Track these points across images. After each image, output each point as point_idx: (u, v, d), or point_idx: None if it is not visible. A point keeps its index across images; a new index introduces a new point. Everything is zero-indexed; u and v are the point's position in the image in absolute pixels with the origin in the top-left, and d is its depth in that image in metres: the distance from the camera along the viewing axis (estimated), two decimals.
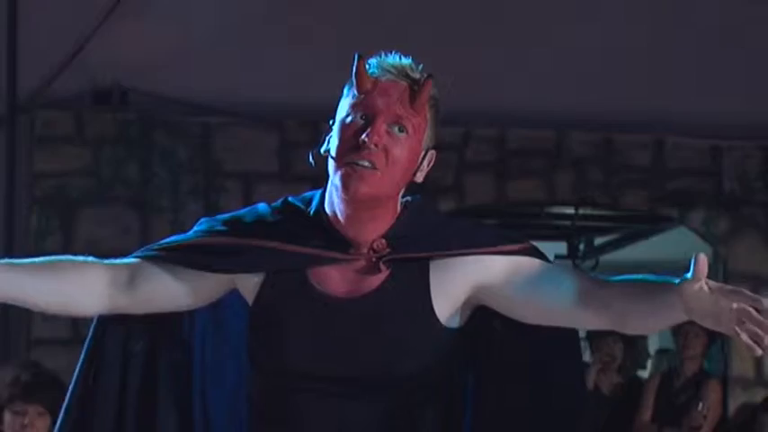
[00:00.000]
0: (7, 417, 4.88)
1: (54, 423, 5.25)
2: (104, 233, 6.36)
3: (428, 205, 2.53)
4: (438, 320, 2.38)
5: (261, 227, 2.42)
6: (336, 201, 2.36)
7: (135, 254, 2.52)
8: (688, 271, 2.14)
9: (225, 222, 2.46)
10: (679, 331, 6.68)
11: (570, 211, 8.31)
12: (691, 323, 7.24)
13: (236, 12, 6.39)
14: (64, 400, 2.57)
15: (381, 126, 2.31)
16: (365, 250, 2.37)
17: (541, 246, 9.60)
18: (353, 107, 2.34)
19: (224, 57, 6.43)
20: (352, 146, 2.30)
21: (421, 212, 2.45)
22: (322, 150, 2.39)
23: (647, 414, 6.53)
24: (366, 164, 2.29)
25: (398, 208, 2.41)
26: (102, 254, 6.79)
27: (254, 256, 2.40)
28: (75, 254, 6.88)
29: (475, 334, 2.46)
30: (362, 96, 2.34)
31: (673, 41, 6.63)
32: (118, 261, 2.53)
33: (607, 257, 10.02)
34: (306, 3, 6.28)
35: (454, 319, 2.41)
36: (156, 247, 2.50)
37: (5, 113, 6.40)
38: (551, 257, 9.89)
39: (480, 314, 2.44)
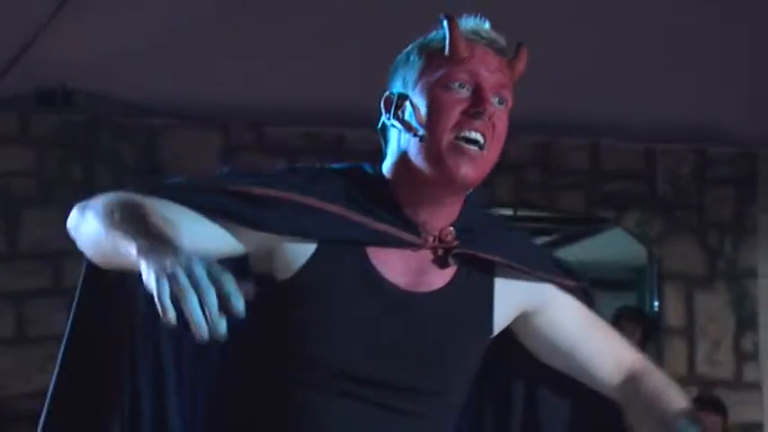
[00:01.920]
0: None
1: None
2: (49, 233, 6.30)
3: (478, 197, 2.18)
4: (492, 331, 2.14)
5: (316, 186, 2.03)
6: (407, 175, 2.04)
7: (159, 190, 2.01)
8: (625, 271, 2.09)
9: (265, 177, 2.06)
10: (615, 327, 6.75)
11: (510, 212, 8.36)
12: (626, 320, 7.28)
13: (181, 14, 6.35)
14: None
15: (489, 96, 2.03)
16: (431, 238, 2.05)
17: None
18: (450, 76, 2.02)
19: (169, 59, 6.39)
20: (456, 118, 2.00)
21: (477, 205, 2.17)
22: (394, 123, 2.08)
23: None
24: (478, 137, 1.99)
25: None
26: (47, 254, 6.78)
27: (313, 218, 2.00)
28: (18, 256, 6.83)
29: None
30: (462, 63, 2.03)
31: (607, 48, 6.69)
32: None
33: None
34: (251, 6, 6.26)
35: (498, 328, 2.16)
36: (185, 185, 2.03)
37: None
38: None
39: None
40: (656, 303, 6.88)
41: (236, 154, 6.54)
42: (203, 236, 1.94)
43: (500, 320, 2.14)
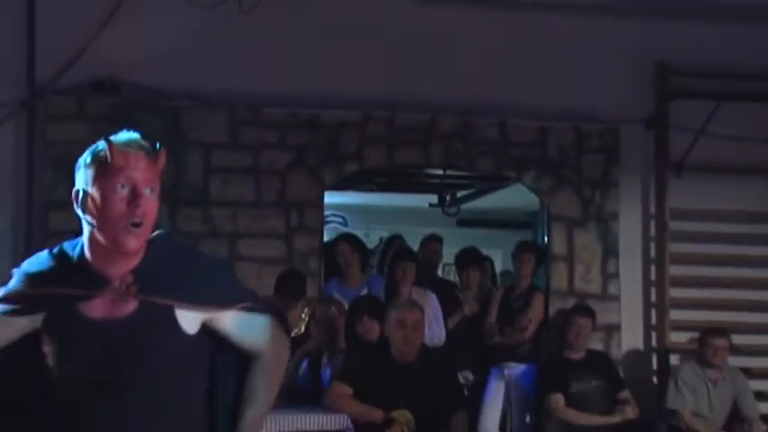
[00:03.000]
0: None
1: None
2: None
3: (172, 237, 2.37)
4: (183, 332, 2.26)
5: (42, 276, 2.26)
6: (96, 246, 2.21)
7: None
8: (523, 215, 2.10)
9: (21, 276, 2.29)
10: (515, 258, 6.77)
11: (440, 172, 8.36)
12: (524, 251, 7.26)
13: (199, 24, 6.35)
14: None
15: (142, 190, 2.19)
16: (117, 283, 2.22)
17: (418, 198, 9.75)
18: (114, 179, 2.18)
19: (189, 57, 6.38)
20: (123, 211, 2.17)
21: (166, 246, 2.30)
22: (80, 209, 2.22)
23: (492, 317, 6.61)
24: (138, 221, 2.18)
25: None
26: None
27: (38, 300, 2.25)
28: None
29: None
30: (120, 170, 2.17)
31: (513, 49, 6.70)
32: None
33: (466, 205, 10.13)
34: (250, 19, 6.23)
35: (192, 328, 2.28)
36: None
37: (27, 98, 6.27)
38: (426, 206, 9.94)
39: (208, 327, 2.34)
40: (546, 238, 6.91)
41: (238, 128, 6.50)
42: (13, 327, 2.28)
43: (189, 327, 2.27)
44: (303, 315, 5.93)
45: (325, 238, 6.96)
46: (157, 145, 2.24)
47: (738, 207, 6.85)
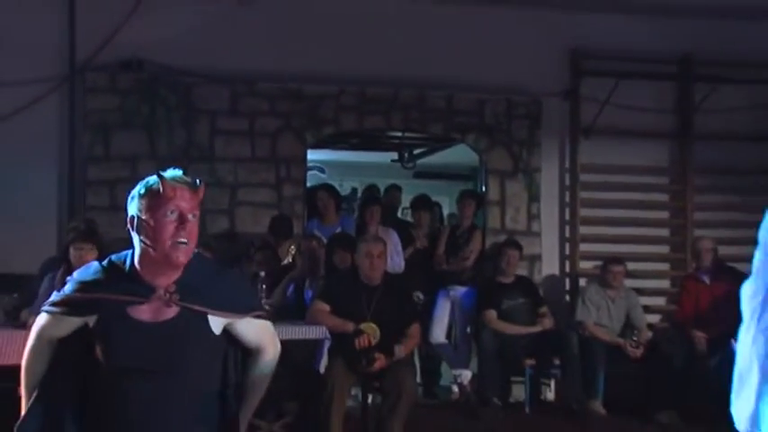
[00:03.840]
0: (72, 251, 4.78)
1: (99, 257, 5.13)
2: (128, 145, 6.25)
3: (202, 256, 2.34)
4: (212, 332, 2.28)
5: (95, 284, 2.24)
6: (147, 261, 2.21)
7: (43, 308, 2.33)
8: (466, 168, 2.10)
9: (75, 284, 2.27)
10: (459, 203, 6.80)
11: (400, 134, 8.36)
12: (466, 197, 7.22)
13: (206, 14, 6.28)
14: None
15: (187, 216, 2.19)
16: (162, 292, 2.22)
17: (382, 155, 9.72)
18: (165, 207, 2.18)
19: (198, 42, 6.33)
20: (172, 232, 2.17)
21: (199, 263, 2.29)
22: (135, 231, 2.21)
23: (440, 250, 6.64)
24: (186, 241, 2.18)
25: None
26: (127, 156, 6.68)
27: (91, 304, 2.23)
28: (110, 158, 6.70)
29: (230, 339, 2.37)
30: (170, 200, 2.18)
31: (459, 37, 6.68)
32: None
33: (421, 161, 10.13)
34: (248, 10, 6.16)
35: (218, 330, 2.29)
36: (49, 303, 2.32)
37: (68, 74, 6.21)
38: (389, 162, 9.86)
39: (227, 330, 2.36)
40: (484, 187, 6.95)
41: (238, 99, 6.46)
42: (59, 325, 2.28)
43: (216, 329, 2.29)
44: (290, 249, 5.96)
45: (308, 184, 6.96)
46: (198, 181, 2.25)
47: (634, 163, 6.93)
